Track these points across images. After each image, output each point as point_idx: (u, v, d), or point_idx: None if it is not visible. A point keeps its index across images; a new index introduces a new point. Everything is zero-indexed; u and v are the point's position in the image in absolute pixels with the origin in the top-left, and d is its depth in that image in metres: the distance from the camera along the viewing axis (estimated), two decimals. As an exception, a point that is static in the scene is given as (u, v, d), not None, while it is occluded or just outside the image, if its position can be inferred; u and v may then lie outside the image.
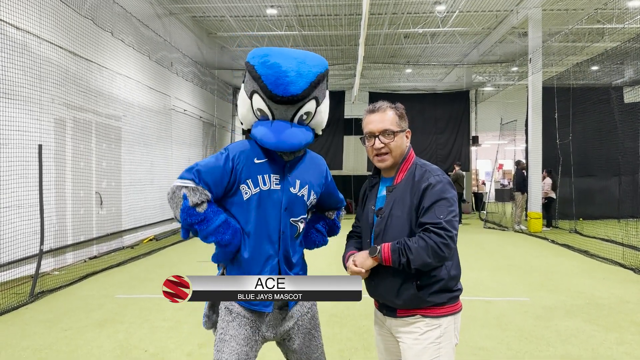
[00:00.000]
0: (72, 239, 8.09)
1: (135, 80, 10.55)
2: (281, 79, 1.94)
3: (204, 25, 14.78)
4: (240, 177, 2.04)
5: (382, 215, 1.99)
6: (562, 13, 13.07)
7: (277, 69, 1.94)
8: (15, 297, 5.85)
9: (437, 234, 1.80)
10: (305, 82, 1.98)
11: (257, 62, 1.99)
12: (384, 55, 17.74)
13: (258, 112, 2.06)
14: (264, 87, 1.96)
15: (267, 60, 1.96)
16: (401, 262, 1.82)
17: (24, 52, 6.85)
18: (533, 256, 8.88)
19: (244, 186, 2.04)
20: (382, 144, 2.00)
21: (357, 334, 4.56)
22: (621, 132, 11.85)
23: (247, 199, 2.05)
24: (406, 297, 1.92)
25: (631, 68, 12.62)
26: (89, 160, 8.67)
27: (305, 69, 1.98)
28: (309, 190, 2.17)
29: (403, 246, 1.82)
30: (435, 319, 1.93)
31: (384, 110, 2.04)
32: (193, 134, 14.54)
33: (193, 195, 1.93)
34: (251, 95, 2.05)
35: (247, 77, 2.07)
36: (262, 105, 2.03)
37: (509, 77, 18.64)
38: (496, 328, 4.75)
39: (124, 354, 4.10)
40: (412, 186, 1.95)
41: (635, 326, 4.78)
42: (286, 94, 1.96)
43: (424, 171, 1.98)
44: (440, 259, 1.82)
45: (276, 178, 2.07)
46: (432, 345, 1.92)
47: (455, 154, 17.77)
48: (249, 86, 2.06)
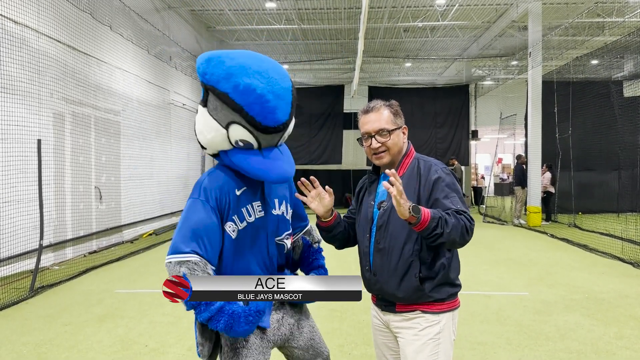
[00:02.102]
0: (72, 234, 8.09)
1: (134, 74, 10.51)
2: (265, 107, 1.78)
3: (202, 19, 14.71)
4: (226, 216, 1.90)
5: (384, 207, 1.99)
6: (562, 7, 13.02)
7: (253, 94, 1.77)
8: (15, 292, 5.86)
9: (468, 219, 1.81)
10: (286, 104, 1.85)
11: (227, 87, 1.79)
12: (383, 49, 17.68)
13: (240, 142, 1.87)
14: (252, 120, 1.79)
15: (237, 82, 1.77)
16: (435, 231, 1.75)
17: (22, 47, 6.82)
18: (532, 250, 8.89)
19: (230, 224, 1.90)
20: (379, 143, 2.00)
21: (357, 329, 4.58)
22: (621, 126, 11.84)
23: (235, 237, 1.92)
24: (408, 289, 1.92)
25: (631, 62, 12.61)
26: (88, 154, 8.65)
27: (277, 88, 1.82)
28: (286, 205, 2.11)
29: (442, 218, 1.77)
30: (435, 315, 1.94)
31: (378, 110, 2.02)
32: (192, 128, 14.31)
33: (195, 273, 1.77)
34: (227, 126, 1.84)
35: (219, 105, 1.84)
36: (247, 136, 1.84)
37: (509, 71, 18.61)
38: (495, 322, 4.76)
39: (124, 349, 4.11)
40: (419, 178, 1.96)
41: (634, 320, 4.79)
42: (277, 124, 1.83)
43: (429, 164, 1.99)
44: (463, 242, 1.81)
45: (258, 205, 1.97)
46: (431, 341, 1.92)
47: (455, 148, 17.77)
48: (224, 116, 1.83)
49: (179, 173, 13.34)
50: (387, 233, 1.95)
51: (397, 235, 1.93)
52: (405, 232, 1.91)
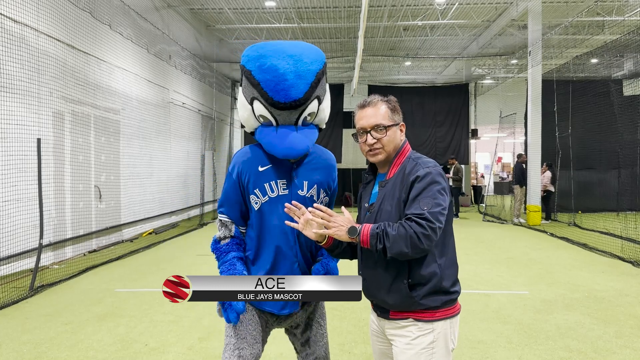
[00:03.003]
0: (72, 233, 8.09)
1: (134, 73, 10.50)
2: (281, 83, 1.90)
3: (202, 18, 14.69)
4: (248, 188, 2.09)
5: (372, 211, 1.93)
6: (562, 5, 13.01)
7: (274, 72, 1.90)
8: (15, 291, 5.85)
9: (418, 224, 1.69)
10: (305, 84, 1.94)
11: (253, 67, 1.95)
12: (383, 47, 17.68)
13: (260, 118, 2.05)
14: (265, 95, 1.94)
15: (263, 63, 1.92)
16: (378, 247, 1.72)
17: (21, 45, 6.81)
18: (532, 249, 8.90)
19: (253, 197, 2.09)
20: (375, 139, 1.92)
21: (358, 327, 4.58)
22: (620, 125, 11.85)
23: (259, 209, 2.09)
24: (397, 297, 1.84)
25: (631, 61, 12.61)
26: (88, 153, 8.65)
27: (303, 67, 1.93)
28: (318, 189, 2.15)
29: (382, 231, 1.72)
30: (428, 324, 1.84)
31: (375, 104, 1.94)
32: (192, 127, 14.50)
33: (221, 229, 2.16)
34: (251, 102, 2.02)
35: (245, 82, 2.03)
36: (264, 112, 2.01)
37: (509, 69, 18.60)
38: (495, 321, 4.76)
39: (125, 348, 4.11)
40: (402, 179, 1.86)
41: (633, 319, 4.79)
42: (288, 100, 1.94)
43: (414, 164, 1.88)
44: (418, 250, 1.69)
45: (283, 183, 2.08)
46: (424, 351, 1.83)
47: (455, 147, 17.76)
48: (248, 92, 2.03)
49: (178, 172, 13.33)
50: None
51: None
52: None
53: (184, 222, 13.21)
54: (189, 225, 12.62)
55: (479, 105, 20.18)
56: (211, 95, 16.15)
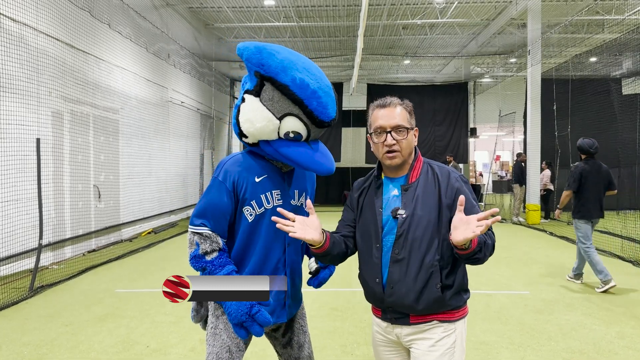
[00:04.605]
0: (71, 233, 8.06)
1: (133, 72, 10.46)
2: (320, 102, 1.91)
3: (201, 17, 14.66)
4: (243, 200, 1.99)
5: (404, 216, 1.86)
6: (561, 4, 13.01)
7: (309, 89, 1.88)
8: (15, 292, 5.83)
9: (493, 234, 1.84)
10: (333, 102, 1.99)
11: (287, 80, 1.86)
12: (382, 46, 17.66)
13: (292, 134, 1.95)
14: (310, 114, 1.90)
15: (294, 77, 1.86)
16: (476, 255, 1.76)
17: (20, 45, 6.78)
18: (532, 248, 8.90)
19: (247, 208, 2.00)
20: (394, 140, 1.88)
21: (359, 328, 4.57)
22: (620, 124, 11.84)
23: (252, 221, 2.01)
24: (428, 300, 1.83)
25: (630, 60, 12.59)
26: (87, 153, 8.62)
27: (324, 85, 1.96)
28: (306, 197, 2.17)
29: (485, 241, 1.79)
30: (452, 324, 1.88)
31: (394, 106, 1.92)
32: (190, 126, 14.46)
33: (204, 243, 1.95)
34: (282, 117, 1.92)
35: (277, 96, 1.90)
36: (300, 128, 1.94)
37: (508, 68, 18.62)
38: (497, 322, 4.76)
39: (126, 350, 4.10)
40: (437, 184, 1.88)
41: (635, 320, 4.79)
42: (329, 119, 1.97)
43: (446, 171, 1.93)
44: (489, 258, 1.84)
45: (277, 194, 2.04)
46: (448, 351, 1.86)
47: (454, 145, 17.75)
48: (281, 107, 1.90)
49: (177, 171, 13.31)
50: (407, 243, 1.84)
51: (419, 245, 1.83)
52: (427, 242, 1.83)
53: (183, 221, 13.18)
54: (188, 224, 12.58)
55: (478, 104, 20.16)
56: (210, 94, 16.11)
